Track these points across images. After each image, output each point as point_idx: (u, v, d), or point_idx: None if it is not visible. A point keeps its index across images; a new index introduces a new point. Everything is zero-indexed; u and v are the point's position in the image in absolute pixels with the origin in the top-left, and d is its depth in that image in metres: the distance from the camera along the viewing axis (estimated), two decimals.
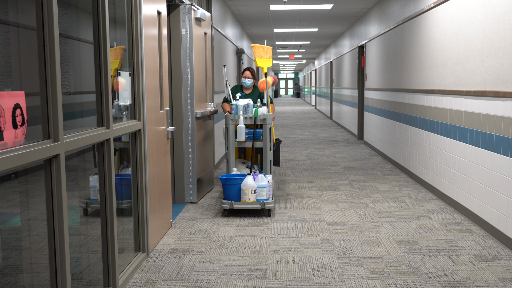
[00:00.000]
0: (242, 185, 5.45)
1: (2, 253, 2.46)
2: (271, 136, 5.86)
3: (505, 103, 4.49)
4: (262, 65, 6.14)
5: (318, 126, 16.96)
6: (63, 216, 2.59)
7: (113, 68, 3.60)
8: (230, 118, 5.82)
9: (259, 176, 5.55)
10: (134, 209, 4.11)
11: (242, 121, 5.76)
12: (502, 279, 3.73)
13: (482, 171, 4.97)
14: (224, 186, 5.50)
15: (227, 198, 5.51)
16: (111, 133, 3.37)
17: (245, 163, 6.30)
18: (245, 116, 5.82)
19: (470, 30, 5.34)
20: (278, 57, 29.44)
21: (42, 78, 2.49)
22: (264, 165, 5.88)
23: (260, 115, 5.78)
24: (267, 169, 5.87)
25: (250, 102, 5.90)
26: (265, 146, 5.82)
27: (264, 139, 5.81)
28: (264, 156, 5.86)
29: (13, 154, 2.17)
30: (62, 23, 2.71)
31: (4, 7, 2.45)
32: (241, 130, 5.73)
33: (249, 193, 5.42)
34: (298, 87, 56.79)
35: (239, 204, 5.43)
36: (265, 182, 5.52)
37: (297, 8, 11.41)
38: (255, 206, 5.42)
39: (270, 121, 5.81)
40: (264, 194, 5.48)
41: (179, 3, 5.77)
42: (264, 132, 5.81)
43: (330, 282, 3.73)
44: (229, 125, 5.83)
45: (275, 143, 6.34)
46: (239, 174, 5.63)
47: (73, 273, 2.94)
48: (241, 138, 5.75)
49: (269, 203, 5.43)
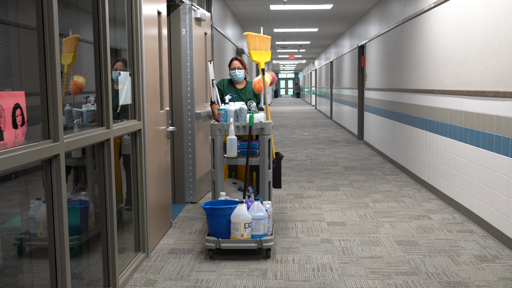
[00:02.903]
0: (233, 216, 4.16)
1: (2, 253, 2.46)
2: (270, 150, 4.62)
3: (505, 103, 4.49)
4: (258, 59, 4.97)
5: (318, 126, 16.96)
6: (63, 216, 2.58)
7: (66, 63, 2.89)
8: (217, 127, 4.55)
9: (255, 204, 4.25)
10: (134, 209, 4.11)
11: (233, 131, 4.50)
12: (502, 279, 3.73)
13: (482, 171, 4.97)
14: (209, 218, 4.21)
15: (212, 233, 4.22)
16: (111, 133, 3.37)
17: (237, 184, 5.01)
18: (236, 125, 4.57)
19: (470, 30, 5.34)
20: (278, 57, 29.44)
21: (42, 78, 2.49)
22: (261, 188, 4.61)
23: (256, 123, 4.57)
24: (265, 194, 4.63)
25: (243, 106, 4.66)
26: (263, 163, 4.56)
27: (262, 155, 4.56)
28: (261, 177, 4.60)
29: (13, 154, 2.17)
30: (62, 23, 2.71)
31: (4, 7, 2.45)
32: (231, 142, 4.52)
33: (242, 227, 4.14)
34: (298, 87, 56.80)
35: (228, 243, 4.14)
36: (263, 213, 4.24)
37: (297, 8, 11.41)
38: (250, 245, 4.14)
39: (269, 131, 4.60)
40: (262, 228, 4.21)
41: (179, 3, 5.77)
42: (261, 145, 4.57)
43: (330, 282, 3.73)
44: (216, 136, 4.56)
45: (275, 159, 4.97)
46: (228, 201, 4.35)
47: (73, 273, 2.94)
48: (231, 153, 4.53)
49: (268, 241, 4.17)
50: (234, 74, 5.30)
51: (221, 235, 4.19)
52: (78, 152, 3.11)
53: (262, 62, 5.00)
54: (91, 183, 3.34)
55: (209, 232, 4.26)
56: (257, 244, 4.15)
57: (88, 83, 3.27)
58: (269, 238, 4.18)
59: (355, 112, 13.37)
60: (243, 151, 4.70)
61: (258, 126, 4.57)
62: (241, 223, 4.14)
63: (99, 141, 3.21)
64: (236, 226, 4.15)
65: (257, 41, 4.93)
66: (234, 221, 4.15)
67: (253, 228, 4.21)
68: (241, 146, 4.69)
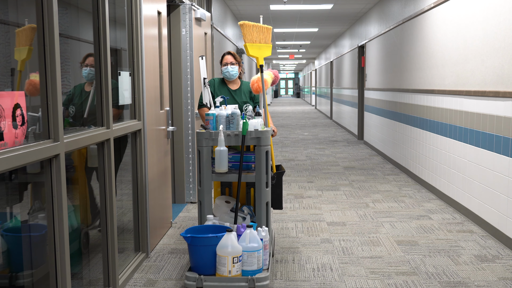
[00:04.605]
0: (219, 248, 3.33)
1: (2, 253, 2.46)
2: (268, 164, 3.81)
3: (505, 103, 4.50)
4: (255, 54, 4.09)
5: (318, 126, 16.96)
6: (63, 216, 2.59)
7: (20, 59, 2.46)
8: (204, 136, 3.77)
9: (247, 233, 3.45)
10: (134, 209, 4.11)
11: (223, 141, 3.71)
12: (502, 279, 3.73)
13: (482, 171, 4.97)
14: (190, 249, 3.40)
15: (194, 267, 3.41)
16: (111, 133, 3.37)
17: (231, 204, 4.17)
18: (227, 133, 3.78)
19: (470, 30, 5.34)
20: (278, 57, 29.46)
21: (42, 78, 2.49)
22: (258, 210, 3.81)
23: (251, 131, 3.76)
24: (262, 217, 3.79)
25: (235, 110, 3.87)
26: (259, 180, 3.77)
27: (258, 170, 3.75)
28: (257, 196, 3.80)
29: (13, 154, 2.17)
30: (62, 23, 2.71)
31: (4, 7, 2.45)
32: (221, 155, 3.70)
33: (229, 262, 3.31)
34: (298, 87, 56.80)
35: (213, 281, 3.32)
36: (257, 243, 3.42)
37: (297, 8, 11.41)
38: (239, 284, 3.32)
39: (268, 141, 3.77)
40: (255, 263, 3.41)
41: (179, 3, 5.78)
42: (257, 158, 3.75)
43: (330, 282, 3.73)
44: (203, 146, 3.77)
45: (275, 174, 4.12)
46: (216, 227, 3.58)
47: (73, 273, 2.94)
48: (221, 168, 3.72)
49: (262, 279, 3.35)
50: (227, 71, 4.44)
51: (205, 271, 3.37)
52: (36, 166, 2.57)
53: (261, 57, 4.13)
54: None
55: (191, 266, 3.43)
56: (248, 284, 3.32)
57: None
58: (264, 276, 3.35)
59: (355, 112, 13.37)
60: (235, 165, 3.86)
61: (253, 135, 3.75)
62: (228, 256, 3.30)
63: (99, 141, 3.22)
64: (223, 260, 3.31)
65: (255, 32, 4.09)
66: (220, 254, 3.32)
67: (244, 262, 3.40)
68: (233, 159, 3.86)
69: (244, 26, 4.02)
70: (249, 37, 4.05)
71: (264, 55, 4.14)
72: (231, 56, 4.45)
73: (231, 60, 4.44)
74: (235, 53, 4.51)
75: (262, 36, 4.13)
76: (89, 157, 3.40)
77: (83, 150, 3.34)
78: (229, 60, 4.44)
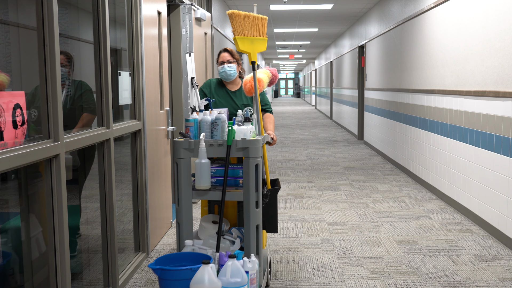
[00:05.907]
0: (193, 284, 2.65)
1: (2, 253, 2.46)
2: (258, 180, 3.20)
3: (505, 103, 4.50)
4: (247, 49, 3.45)
5: (318, 126, 16.96)
6: (63, 216, 2.59)
7: None
8: (182, 146, 3.19)
9: (228, 264, 2.83)
10: (134, 209, 4.11)
11: (204, 151, 3.12)
12: (502, 279, 3.73)
13: (482, 171, 4.97)
14: (160, 283, 2.82)
15: None
16: (111, 133, 3.37)
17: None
18: (210, 143, 3.18)
19: (470, 30, 5.34)
20: (278, 57, 29.45)
21: (42, 78, 2.49)
22: (246, 234, 3.19)
23: (238, 140, 3.15)
24: (251, 244, 3.19)
25: (220, 115, 3.23)
26: (248, 199, 3.16)
27: (246, 187, 3.15)
28: (245, 218, 3.18)
29: (13, 154, 2.17)
30: (62, 23, 2.71)
31: (4, 7, 2.45)
32: (202, 168, 3.11)
33: None
34: (298, 87, 56.81)
35: None
36: (240, 277, 2.80)
37: (297, 8, 11.41)
38: None
39: (258, 152, 3.16)
40: None
41: (179, 3, 5.78)
42: (245, 172, 3.14)
43: (330, 282, 3.73)
44: (181, 158, 3.20)
45: (268, 191, 3.47)
46: (196, 255, 2.97)
47: (73, 273, 2.94)
48: (202, 184, 3.14)
49: None
50: (223, 70, 3.90)
51: None
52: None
53: (254, 52, 3.46)
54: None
55: None
56: None
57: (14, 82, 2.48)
58: None
59: (355, 112, 13.37)
60: (220, 181, 3.27)
61: (240, 145, 3.12)
62: None
63: (99, 141, 3.22)
64: None
65: (246, 23, 3.43)
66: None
67: None
68: (217, 173, 3.28)
69: (234, 16, 3.36)
70: (239, 29, 3.41)
71: (257, 50, 3.49)
72: (228, 54, 3.91)
73: (228, 58, 3.90)
74: (233, 50, 3.99)
75: (256, 28, 3.49)
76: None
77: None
78: (226, 58, 3.90)
